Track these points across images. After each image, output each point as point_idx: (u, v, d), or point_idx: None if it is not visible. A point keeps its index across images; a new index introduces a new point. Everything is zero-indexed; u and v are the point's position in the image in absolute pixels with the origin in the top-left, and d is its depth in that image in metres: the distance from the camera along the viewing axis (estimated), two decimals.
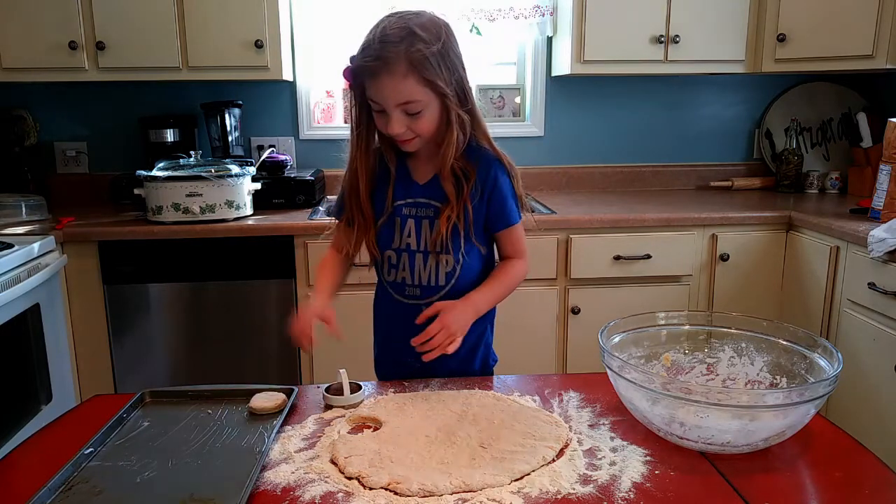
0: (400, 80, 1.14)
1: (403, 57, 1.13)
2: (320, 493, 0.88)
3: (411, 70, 1.13)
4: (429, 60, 1.14)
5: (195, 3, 2.43)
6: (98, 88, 2.77)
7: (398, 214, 1.30)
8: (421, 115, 1.18)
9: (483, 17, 2.82)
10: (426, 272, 1.31)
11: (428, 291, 1.32)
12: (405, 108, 1.17)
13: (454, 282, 1.31)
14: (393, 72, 1.13)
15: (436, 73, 1.15)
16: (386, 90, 1.15)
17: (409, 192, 1.30)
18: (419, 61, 1.13)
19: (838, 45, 2.50)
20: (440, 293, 1.31)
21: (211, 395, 1.16)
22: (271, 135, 2.91)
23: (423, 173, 1.30)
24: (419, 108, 1.17)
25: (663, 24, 2.61)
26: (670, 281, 2.46)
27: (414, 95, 1.15)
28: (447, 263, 1.29)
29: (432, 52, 1.14)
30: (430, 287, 1.32)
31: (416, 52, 1.13)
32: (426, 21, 1.17)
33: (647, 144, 3.06)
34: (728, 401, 0.92)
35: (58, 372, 2.19)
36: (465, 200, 1.25)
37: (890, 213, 2.16)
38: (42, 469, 0.92)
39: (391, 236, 1.31)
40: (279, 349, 2.39)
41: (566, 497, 0.86)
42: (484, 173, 1.27)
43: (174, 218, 2.27)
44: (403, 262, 1.31)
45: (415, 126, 1.19)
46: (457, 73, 1.19)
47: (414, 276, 1.32)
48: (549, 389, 1.18)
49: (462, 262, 1.29)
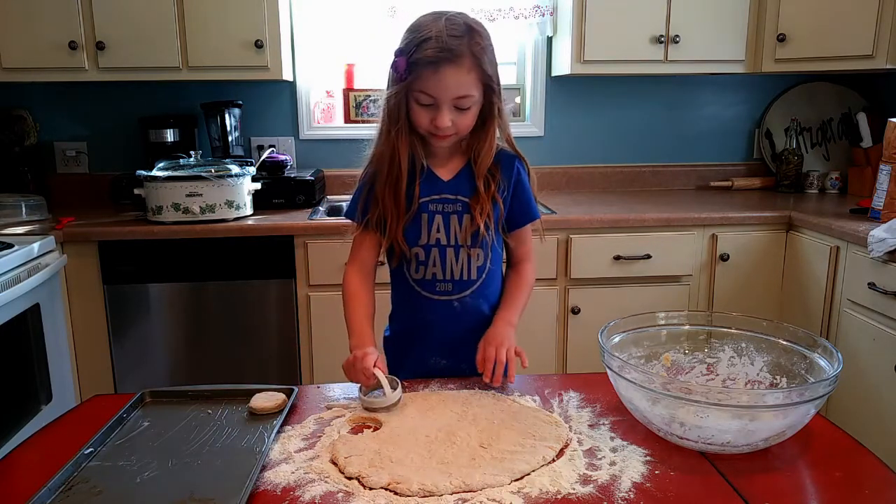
0: (465, 74, 1.17)
1: (468, 51, 1.17)
2: (320, 493, 0.88)
3: (474, 64, 1.18)
4: (486, 55, 1.19)
5: (195, 3, 2.43)
6: (98, 88, 2.77)
7: (424, 211, 1.30)
8: (469, 110, 1.22)
9: (483, 17, 2.81)
10: (458, 267, 1.31)
11: (461, 286, 1.33)
12: (459, 102, 1.20)
13: (485, 276, 1.33)
14: (459, 65, 1.17)
15: (491, 69, 1.21)
16: (449, 82, 1.17)
17: (435, 188, 1.30)
18: (480, 56, 1.18)
19: (838, 45, 2.50)
20: (473, 287, 1.33)
21: (211, 395, 1.16)
22: (271, 135, 2.91)
23: (447, 170, 1.32)
24: (470, 104, 1.21)
25: (663, 24, 2.61)
26: (670, 281, 2.47)
27: (471, 90, 1.19)
28: (478, 258, 1.31)
29: (488, 46, 1.20)
30: (462, 282, 1.32)
31: (477, 45, 1.18)
32: (475, 20, 1.22)
33: (647, 144, 3.06)
34: (728, 401, 0.92)
35: (58, 372, 2.19)
36: (493, 194, 1.28)
37: (890, 213, 2.17)
38: (42, 469, 0.92)
39: (418, 233, 1.31)
40: (279, 349, 2.40)
41: (566, 497, 0.86)
42: (508, 170, 1.31)
43: (174, 218, 2.27)
44: (434, 257, 1.31)
45: (459, 121, 1.22)
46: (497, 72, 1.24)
47: (445, 271, 1.32)
48: (549, 389, 1.18)
49: (492, 257, 1.32)
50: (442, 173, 1.32)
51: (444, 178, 1.31)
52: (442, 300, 1.33)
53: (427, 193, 1.30)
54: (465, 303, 1.33)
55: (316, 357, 2.40)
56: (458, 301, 1.33)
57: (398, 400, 1.11)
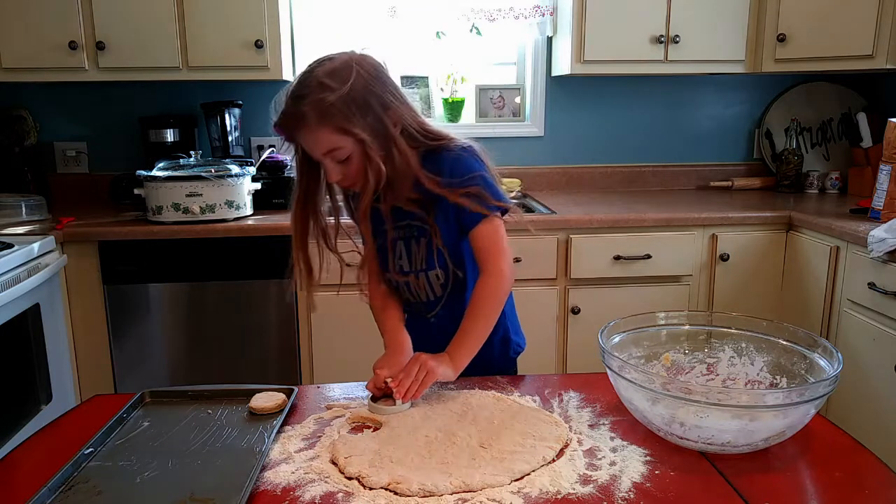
0: (314, 132, 1.14)
1: (311, 110, 1.12)
2: (320, 493, 0.88)
3: (322, 120, 1.12)
4: (336, 107, 1.12)
5: (195, 3, 2.43)
6: (98, 88, 2.77)
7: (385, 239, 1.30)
8: (350, 160, 1.17)
9: (483, 17, 2.82)
10: (422, 290, 1.33)
11: (430, 306, 1.34)
12: (332, 156, 1.16)
13: (450, 289, 1.32)
14: (306, 125, 1.14)
15: (347, 119, 1.13)
16: (307, 142, 1.17)
17: (394, 215, 1.28)
18: (327, 110, 1.12)
19: (838, 45, 2.49)
20: (441, 303, 1.33)
21: (211, 395, 1.16)
22: (271, 135, 2.88)
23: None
24: (345, 155, 1.16)
25: (663, 24, 2.61)
26: (670, 281, 2.47)
27: (332, 143, 1.14)
28: (439, 277, 1.31)
29: (339, 97, 1.11)
30: (430, 302, 1.34)
31: (323, 100, 1.11)
32: (336, 65, 1.14)
33: (647, 144, 3.06)
34: (728, 401, 0.92)
35: (58, 372, 2.19)
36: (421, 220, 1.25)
37: (890, 213, 2.16)
38: (42, 469, 0.92)
39: (386, 261, 1.33)
40: (279, 349, 2.39)
41: (566, 497, 0.86)
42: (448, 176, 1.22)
43: (174, 218, 2.27)
44: (402, 283, 1.33)
45: (349, 171, 1.18)
46: (373, 112, 1.15)
47: (413, 294, 1.34)
48: (549, 389, 1.18)
49: (452, 268, 1.29)
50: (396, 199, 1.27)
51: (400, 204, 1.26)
52: (420, 317, 1.37)
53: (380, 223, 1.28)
54: (440, 315, 1.35)
55: (316, 357, 2.40)
56: (433, 316, 1.35)
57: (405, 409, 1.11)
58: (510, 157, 2.94)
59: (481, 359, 1.22)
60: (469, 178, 1.21)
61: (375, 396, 1.13)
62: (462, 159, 1.24)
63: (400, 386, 1.10)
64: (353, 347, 2.33)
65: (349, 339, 2.34)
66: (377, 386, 1.13)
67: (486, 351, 1.25)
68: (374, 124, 1.16)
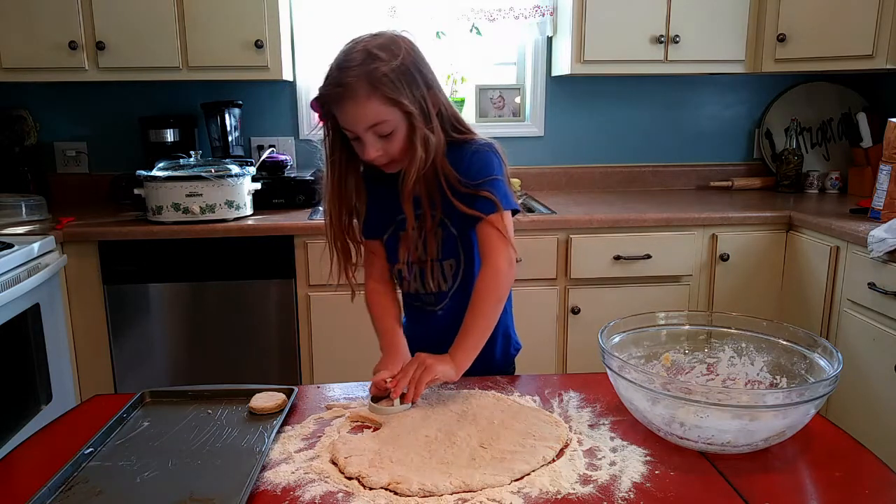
0: (363, 103, 1.13)
1: (363, 78, 1.12)
2: (320, 493, 0.88)
3: (373, 91, 1.12)
4: (388, 77, 1.12)
5: (195, 3, 2.43)
6: (98, 88, 2.77)
7: (402, 229, 1.29)
8: (393, 135, 1.17)
9: (483, 17, 2.82)
10: (434, 281, 1.31)
11: (440, 297, 1.33)
12: (375, 130, 1.16)
13: (461, 277, 1.32)
14: (355, 95, 1.12)
15: (398, 90, 1.13)
16: (352, 115, 1.15)
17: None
18: (379, 80, 1.12)
19: (838, 45, 2.49)
20: (451, 293, 1.33)
21: (211, 395, 1.16)
22: (271, 135, 2.91)
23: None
24: (389, 129, 1.16)
25: (663, 24, 2.61)
26: (670, 281, 2.47)
27: (380, 116, 1.14)
28: (451, 266, 1.31)
29: (391, 68, 1.12)
30: (441, 293, 1.33)
31: (375, 70, 1.12)
32: (384, 40, 1.16)
33: (647, 144, 3.06)
34: (728, 401, 0.92)
35: (58, 372, 2.19)
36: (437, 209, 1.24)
37: (890, 213, 2.16)
38: (42, 469, 0.92)
39: (397, 251, 1.31)
40: (279, 349, 2.40)
41: (566, 497, 0.86)
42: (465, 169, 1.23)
43: (174, 218, 2.27)
44: (415, 273, 1.32)
45: (389, 147, 1.18)
46: (420, 89, 1.16)
47: (425, 285, 1.32)
48: (549, 389, 1.18)
49: (464, 259, 1.30)
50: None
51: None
52: (428, 310, 1.35)
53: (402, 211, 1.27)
54: (447, 308, 1.34)
55: (316, 357, 2.40)
56: (441, 308, 1.34)
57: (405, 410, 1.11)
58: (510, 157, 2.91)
59: (483, 356, 1.22)
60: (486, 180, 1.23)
61: (375, 397, 1.13)
62: (484, 156, 1.25)
63: (397, 386, 1.10)
64: (353, 347, 2.33)
65: (349, 339, 2.34)
66: (377, 387, 1.13)
67: (489, 348, 1.25)
68: (420, 101, 1.17)
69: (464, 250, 1.30)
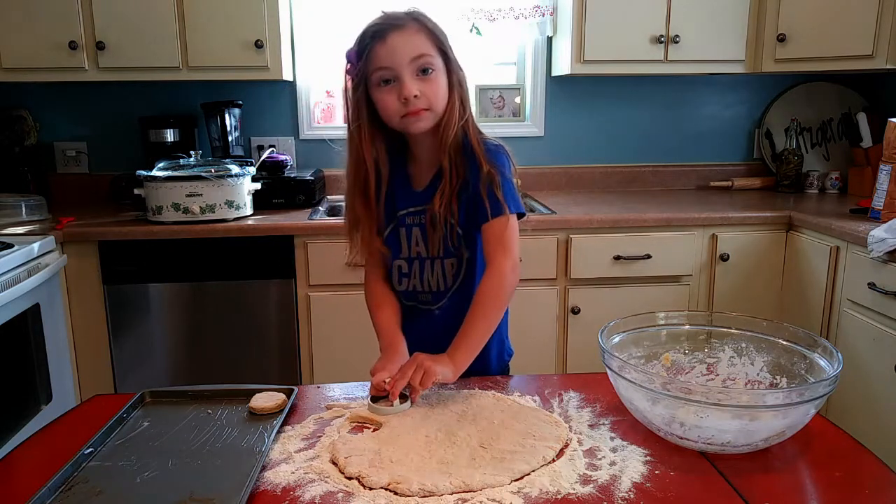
0: (413, 34, 1.18)
1: (410, 19, 1.19)
2: (320, 493, 0.88)
3: (421, 27, 1.19)
4: (436, 25, 1.21)
5: (195, 3, 2.43)
6: (98, 88, 2.77)
7: (403, 224, 1.29)
8: (433, 75, 1.19)
9: (483, 17, 2.82)
10: (434, 278, 1.31)
11: (438, 296, 1.32)
12: (418, 63, 1.17)
13: (462, 278, 1.30)
14: (404, 28, 1.18)
15: (441, 39, 1.21)
16: (399, 45, 1.17)
17: (412, 199, 1.29)
18: (426, 23, 1.20)
19: (838, 45, 2.50)
20: (449, 293, 1.31)
21: (211, 395, 1.16)
22: (271, 135, 2.91)
23: (423, 179, 1.29)
24: (431, 65, 1.18)
25: (663, 24, 2.61)
26: (670, 281, 2.47)
27: (425, 48, 1.18)
28: (452, 266, 1.30)
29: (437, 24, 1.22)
30: (439, 292, 1.32)
31: (420, 15, 1.20)
32: None
33: (647, 144, 3.06)
34: (728, 401, 0.92)
35: (58, 372, 2.19)
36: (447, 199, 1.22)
37: (890, 213, 2.16)
38: (42, 469, 0.92)
39: (398, 246, 1.31)
40: (279, 349, 2.40)
41: (566, 497, 0.86)
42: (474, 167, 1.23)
43: (174, 218, 2.27)
44: (415, 270, 1.31)
45: (427, 89, 1.18)
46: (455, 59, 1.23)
47: (424, 282, 1.32)
48: (549, 389, 1.18)
49: (466, 258, 1.29)
50: (417, 184, 1.29)
51: (419, 189, 1.28)
52: (424, 309, 1.34)
53: (404, 206, 1.29)
54: (444, 307, 1.33)
55: (316, 357, 2.40)
56: (438, 308, 1.33)
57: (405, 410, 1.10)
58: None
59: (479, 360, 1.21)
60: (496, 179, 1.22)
61: (375, 397, 1.13)
62: (496, 153, 1.25)
63: (395, 387, 1.10)
64: (353, 347, 2.33)
65: (349, 339, 2.34)
66: (377, 388, 1.13)
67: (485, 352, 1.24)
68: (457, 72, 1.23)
69: (467, 250, 1.29)
